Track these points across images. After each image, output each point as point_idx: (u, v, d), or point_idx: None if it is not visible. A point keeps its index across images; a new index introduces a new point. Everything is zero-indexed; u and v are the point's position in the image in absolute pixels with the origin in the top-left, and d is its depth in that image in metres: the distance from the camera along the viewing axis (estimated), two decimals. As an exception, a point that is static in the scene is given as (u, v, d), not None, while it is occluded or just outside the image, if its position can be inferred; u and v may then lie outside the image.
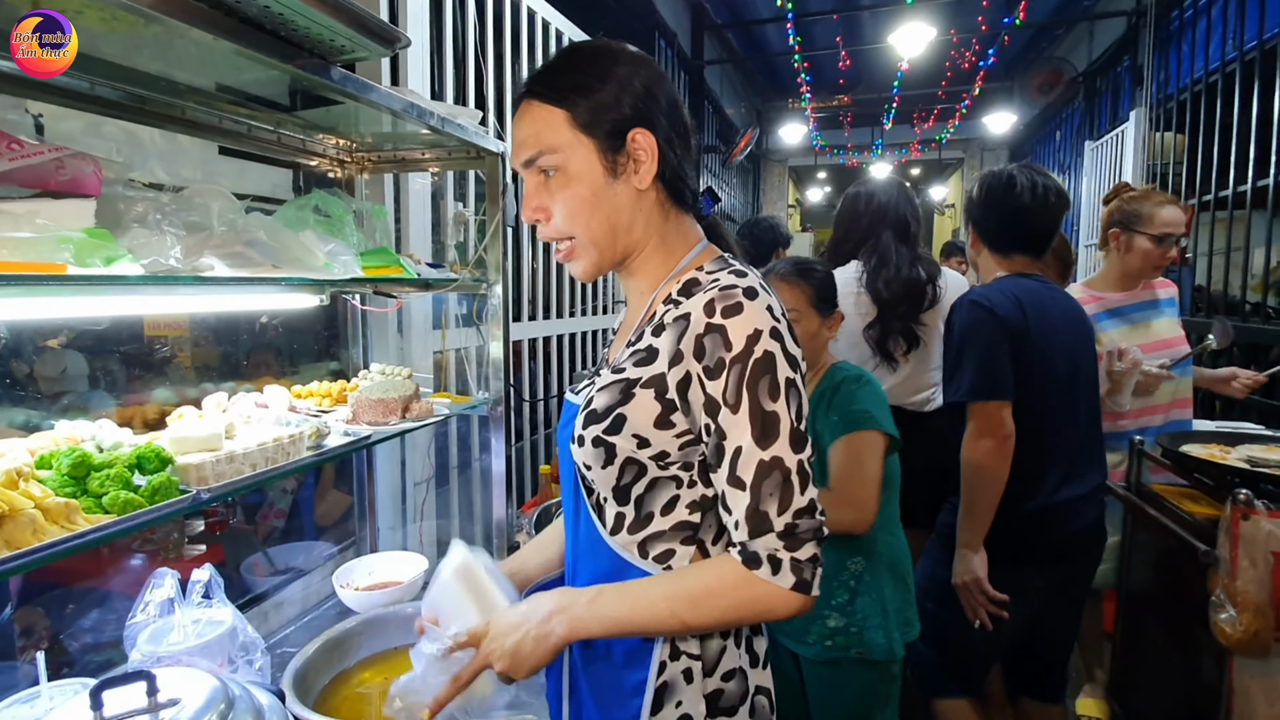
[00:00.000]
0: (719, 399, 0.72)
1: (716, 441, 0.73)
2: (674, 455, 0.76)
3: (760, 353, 0.71)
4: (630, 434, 0.75)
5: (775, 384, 0.71)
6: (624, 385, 0.76)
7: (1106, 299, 2.09)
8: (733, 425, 0.72)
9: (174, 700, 0.79)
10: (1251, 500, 1.41)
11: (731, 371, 0.71)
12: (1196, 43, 3.81)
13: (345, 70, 1.02)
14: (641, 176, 0.79)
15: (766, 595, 0.70)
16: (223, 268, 0.91)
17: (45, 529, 0.70)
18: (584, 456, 0.78)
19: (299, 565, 1.57)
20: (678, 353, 0.73)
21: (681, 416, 0.74)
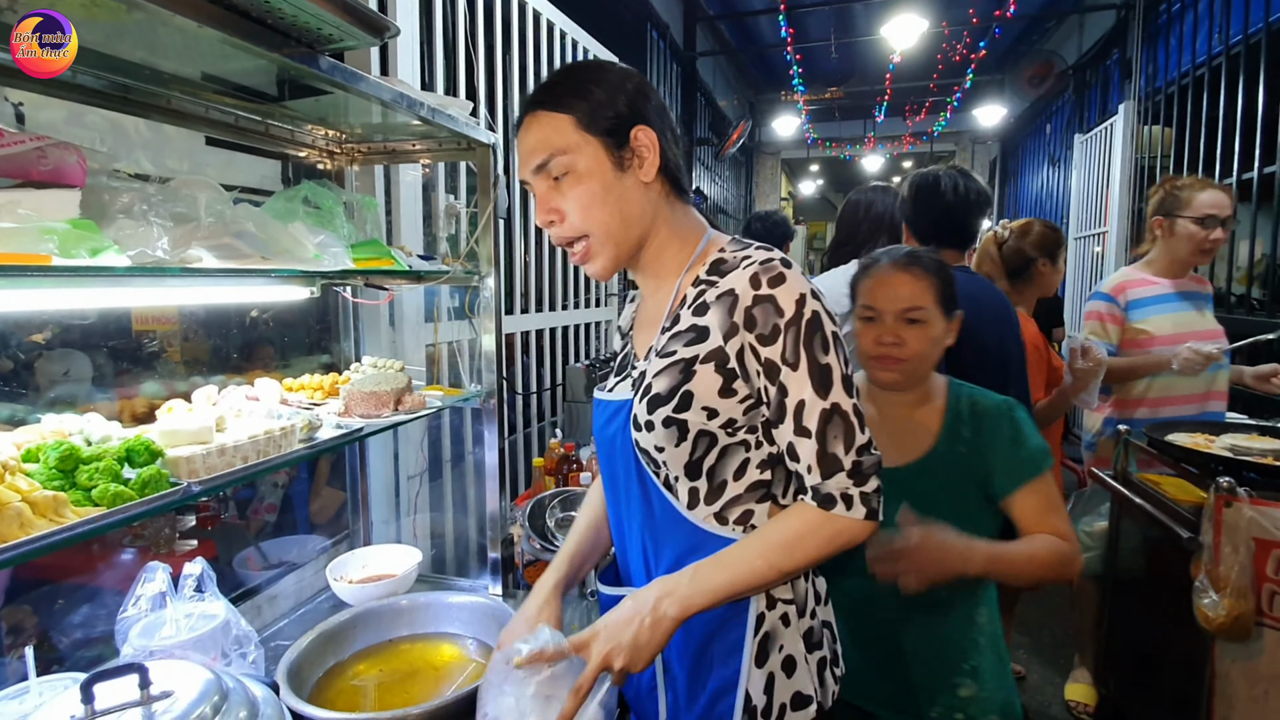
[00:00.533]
0: (778, 361, 0.78)
1: (779, 399, 0.79)
2: (740, 420, 0.82)
3: (809, 314, 0.78)
4: (700, 407, 0.80)
5: (825, 339, 0.79)
6: (683, 365, 0.81)
7: (1160, 284, 2.09)
8: (793, 381, 0.78)
9: (167, 692, 0.78)
10: (1234, 488, 1.43)
11: (787, 334, 0.78)
12: (1184, 36, 3.84)
13: (334, 60, 1.01)
14: (646, 170, 0.84)
15: (847, 528, 0.78)
16: (211, 259, 0.90)
17: (33, 522, 0.69)
18: (655, 439, 0.82)
19: (292, 559, 1.56)
20: (732, 325, 0.79)
21: (742, 383, 0.80)
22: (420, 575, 1.48)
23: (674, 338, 0.84)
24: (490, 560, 1.52)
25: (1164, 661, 1.74)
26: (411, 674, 1.24)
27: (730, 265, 0.83)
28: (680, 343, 0.83)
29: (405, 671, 1.24)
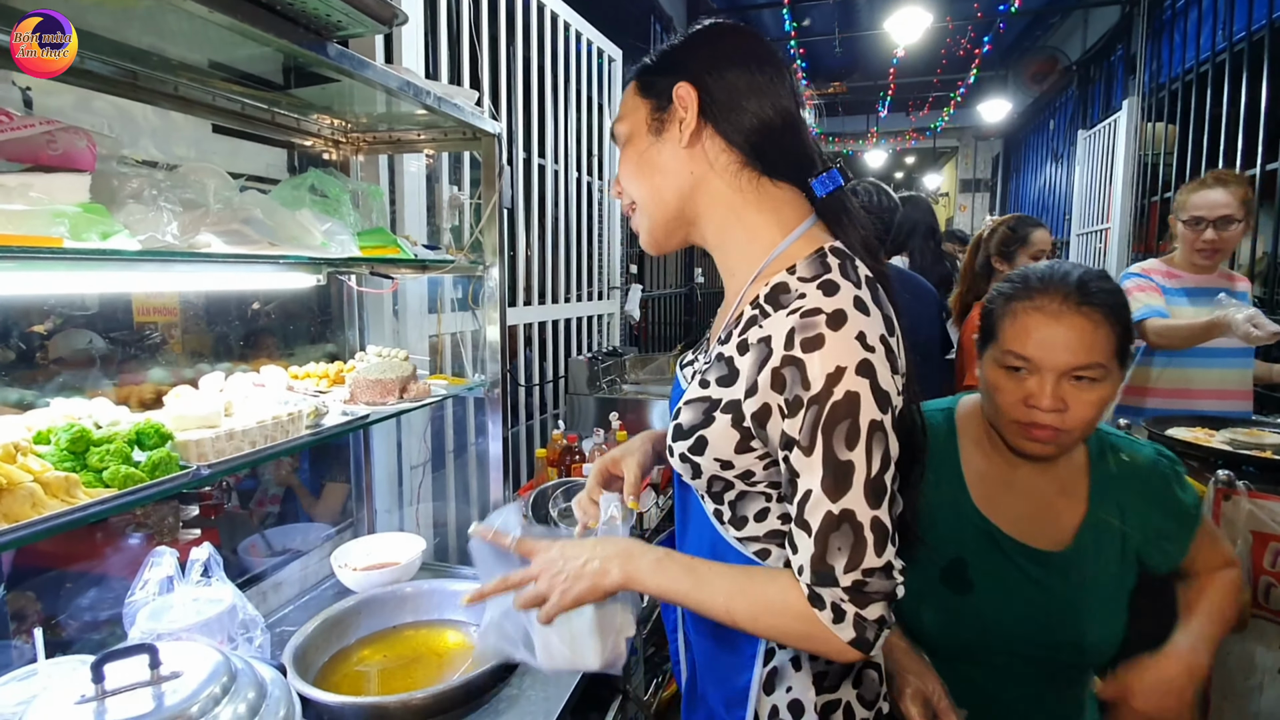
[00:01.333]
0: (794, 436, 0.66)
1: (789, 477, 0.68)
2: (759, 475, 0.73)
3: (841, 394, 0.64)
4: (712, 457, 0.73)
5: (856, 429, 0.64)
6: (707, 406, 0.73)
7: (1182, 278, 2.12)
8: (805, 468, 0.66)
9: (177, 673, 0.79)
10: (1233, 481, 1.44)
11: (809, 412, 0.65)
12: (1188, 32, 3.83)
13: (341, 47, 1.01)
14: (684, 134, 0.74)
15: (823, 637, 0.66)
16: (220, 245, 0.90)
17: (45, 502, 0.70)
18: (675, 465, 0.78)
19: (296, 546, 1.57)
20: (754, 384, 0.68)
21: (760, 444, 0.71)
22: (423, 564, 1.49)
23: (716, 362, 0.74)
24: (493, 549, 1.53)
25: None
26: (415, 660, 1.25)
27: (788, 300, 0.70)
28: (715, 374, 0.74)
29: (409, 657, 1.25)
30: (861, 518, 0.65)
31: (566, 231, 2.79)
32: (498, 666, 1.13)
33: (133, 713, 0.74)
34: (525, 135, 2.43)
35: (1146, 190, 4.34)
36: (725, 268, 0.80)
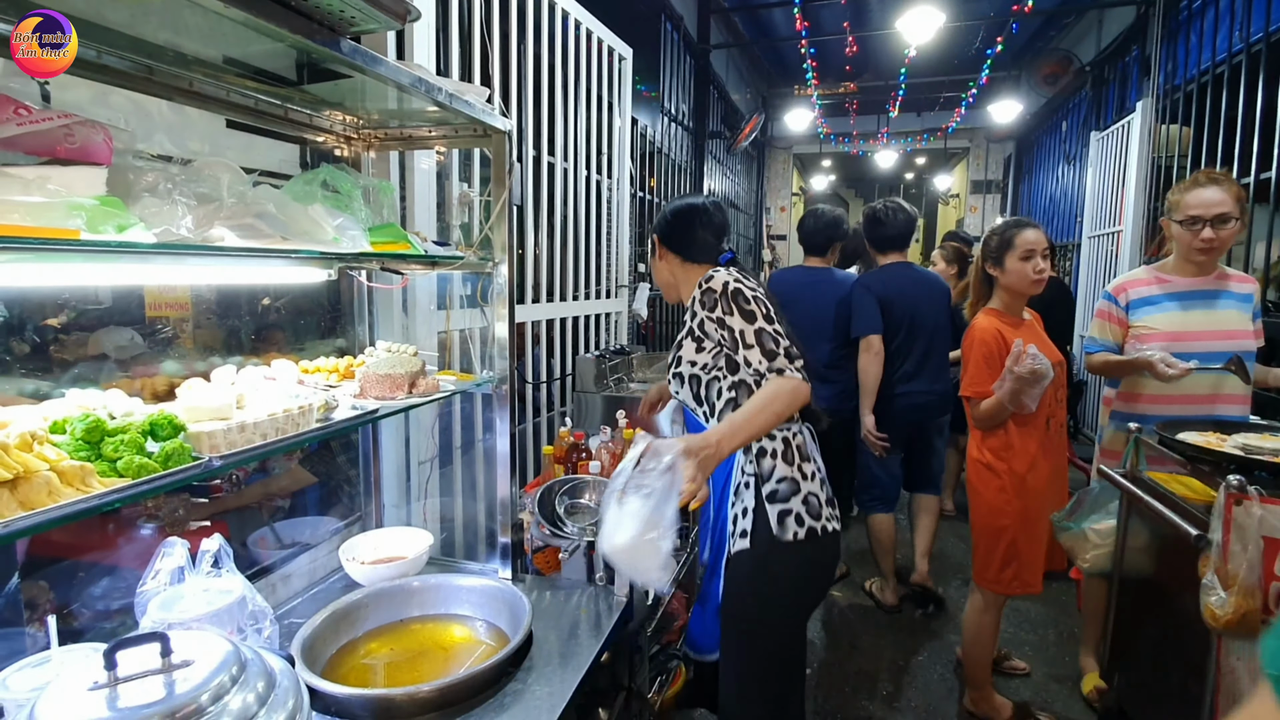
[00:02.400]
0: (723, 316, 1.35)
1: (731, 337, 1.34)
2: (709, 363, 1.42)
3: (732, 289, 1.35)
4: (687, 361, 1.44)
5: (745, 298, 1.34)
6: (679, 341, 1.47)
7: (1172, 282, 2.09)
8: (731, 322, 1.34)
9: (187, 661, 0.80)
10: (1244, 486, 1.43)
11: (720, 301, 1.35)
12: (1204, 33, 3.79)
13: (354, 43, 1.02)
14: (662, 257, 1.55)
15: (796, 384, 1.28)
16: (233, 239, 0.91)
17: (60, 491, 0.71)
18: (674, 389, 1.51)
19: (305, 540, 1.58)
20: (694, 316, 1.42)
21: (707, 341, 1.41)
22: (430, 558, 1.50)
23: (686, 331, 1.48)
24: (500, 545, 1.54)
25: (1170, 658, 1.74)
26: (422, 653, 1.26)
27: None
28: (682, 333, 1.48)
29: (416, 651, 1.26)
30: (768, 329, 1.33)
31: (575, 230, 2.79)
32: (504, 660, 1.14)
33: (144, 700, 0.74)
34: (535, 133, 2.44)
35: (1160, 193, 4.30)
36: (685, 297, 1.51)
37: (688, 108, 5.71)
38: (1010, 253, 2.02)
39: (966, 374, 2.03)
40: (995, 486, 2.01)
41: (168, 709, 0.74)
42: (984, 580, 2.06)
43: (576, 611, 1.38)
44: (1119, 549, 2.00)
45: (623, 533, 1.06)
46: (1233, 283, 2.09)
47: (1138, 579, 1.94)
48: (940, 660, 2.58)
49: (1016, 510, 1.99)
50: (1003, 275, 2.04)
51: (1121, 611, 2.01)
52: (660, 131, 5.04)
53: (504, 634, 1.28)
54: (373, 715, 1.04)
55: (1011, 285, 2.04)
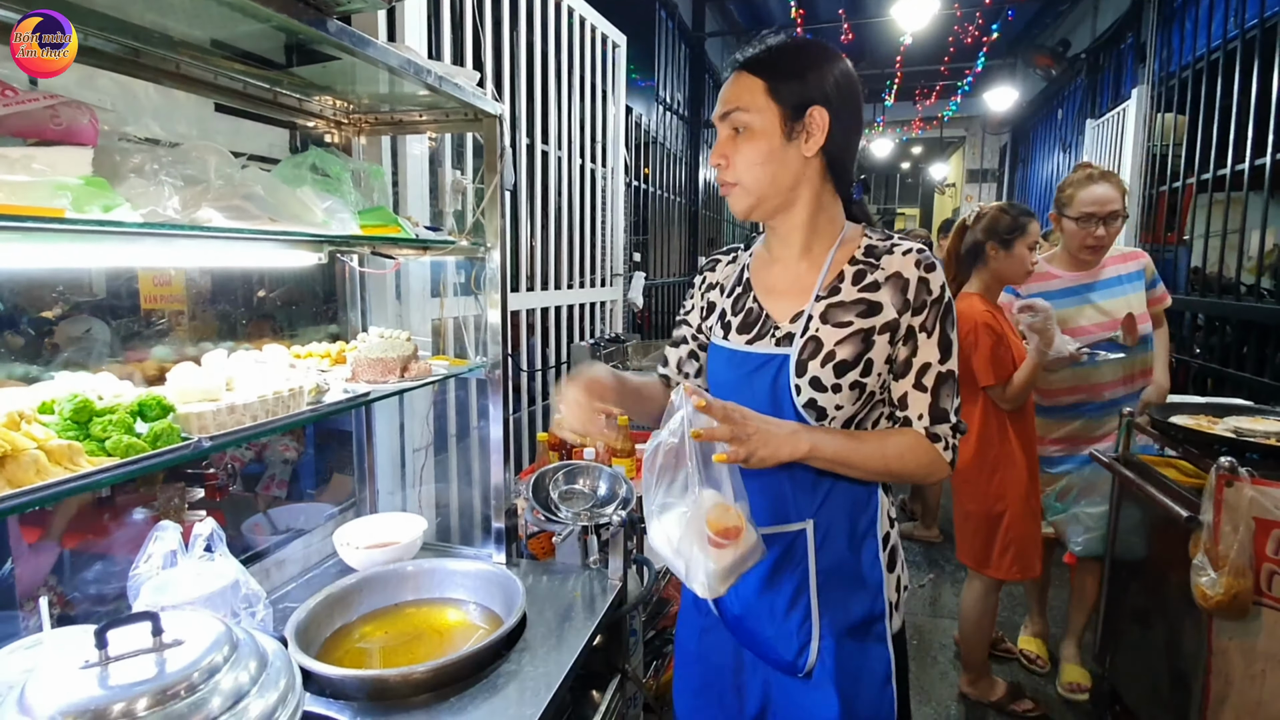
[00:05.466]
0: (917, 328, 0.97)
1: (907, 357, 0.98)
2: (889, 382, 1.00)
3: (948, 298, 0.98)
4: (876, 373, 0.97)
5: (954, 321, 0.99)
6: (863, 335, 0.96)
7: (1060, 277, 2.13)
8: (925, 346, 0.97)
9: (179, 641, 0.80)
10: (1235, 468, 1.44)
11: (931, 309, 0.97)
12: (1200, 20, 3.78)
13: (342, 23, 1.01)
14: (810, 145, 0.96)
15: (939, 463, 0.98)
16: (221, 220, 0.91)
17: (48, 469, 0.70)
18: (838, 400, 0.96)
19: (299, 526, 1.59)
20: (905, 302, 0.97)
21: (895, 350, 0.98)
22: (425, 544, 1.50)
23: (840, 308, 0.98)
24: (495, 529, 1.54)
25: (1162, 641, 1.76)
26: (416, 636, 1.26)
27: (883, 250, 1.00)
28: (852, 313, 0.97)
29: (410, 634, 1.27)
30: (956, 376, 0.99)
31: (569, 218, 2.78)
32: (497, 642, 1.14)
33: (135, 678, 0.75)
34: (528, 120, 2.42)
35: (1155, 180, 4.30)
36: (800, 242, 1.03)
37: (683, 96, 5.68)
38: (1022, 239, 1.97)
39: (980, 362, 1.94)
40: (1011, 473, 1.99)
41: (159, 687, 0.74)
42: (985, 566, 2.06)
43: (570, 595, 1.38)
44: (1111, 532, 2.01)
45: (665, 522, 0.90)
46: (1112, 267, 2.11)
47: (1130, 561, 1.95)
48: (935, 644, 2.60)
49: (1020, 494, 1.99)
50: (1005, 259, 1.98)
51: (1114, 593, 2.03)
52: (655, 120, 5.01)
53: (498, 617, 1.29)
54: (367, 696, 1.04)
55: (1005, 271, 2.00)
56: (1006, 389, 1.94)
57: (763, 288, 1.06)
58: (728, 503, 0.86)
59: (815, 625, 1.00)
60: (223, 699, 0.76)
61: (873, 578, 1.02)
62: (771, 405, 0.98)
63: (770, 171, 0.96)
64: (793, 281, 1.03)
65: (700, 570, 0.85)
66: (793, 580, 1.01)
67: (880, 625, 1.02)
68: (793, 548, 1.01)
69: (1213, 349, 3.46)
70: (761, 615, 1.03)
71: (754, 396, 0.99)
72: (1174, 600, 1.61)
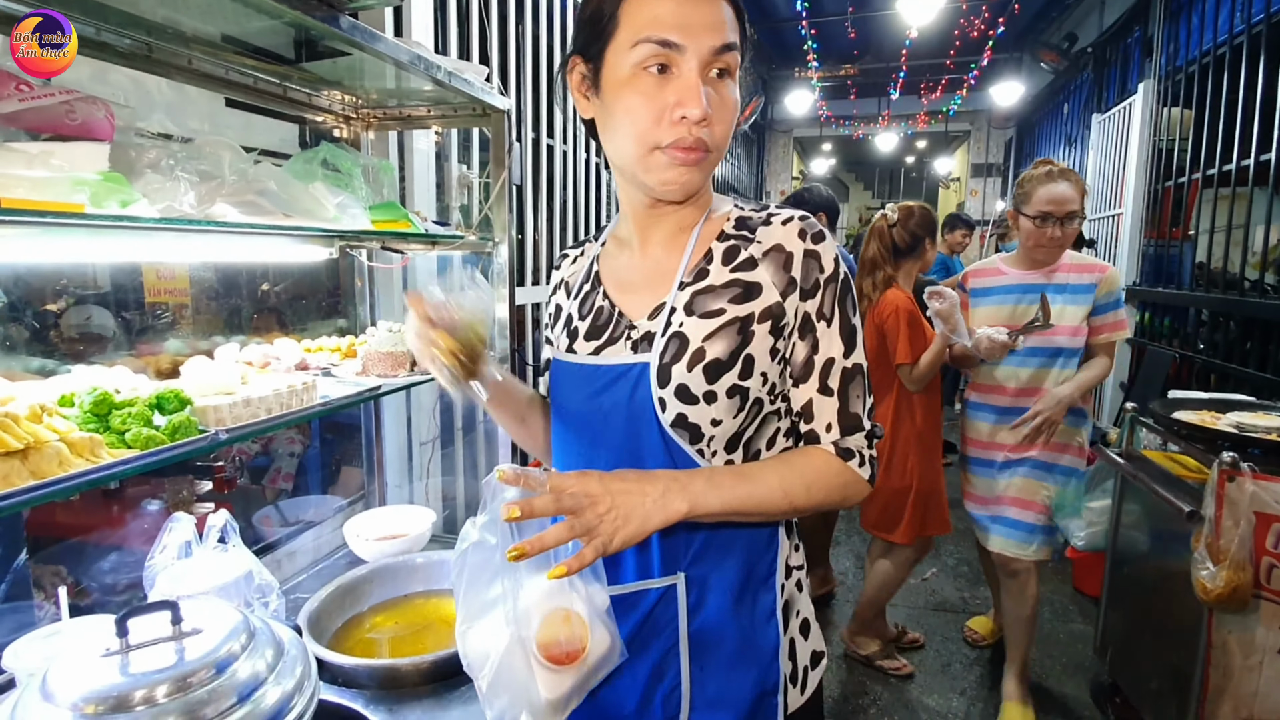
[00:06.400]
0: (814, 316, 0.76)
1: (807, 355, 0.77)
2: (778, 386, 0.78)
3: (844, 273, 0.77)
4: (759, 372, 0.75)
5: (854, 300, 0.78)
6: (739, 325, 0.74)
7: (1008, 274, 2.03)
8: (825, 338, 0.77)
9: (198, 629, 0.82)
10: (1237, 463, 1.45)
11: (826, 290, 0.76)
12: (1206, 14, 3.76)
13: (352, 19, 1.02)
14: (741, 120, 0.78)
15: (854, 483, 0.77)
16: (236, 215, 0.92)
17: (71, 461, 0.72)
18: (714, 412, 0.74)
19: (309, 518, 1.61)
20: (790, 280, 0.75)
21: (784, 342, 0.77)
22: (433, 535, 1.52)
23: (708, 294, 0.76)
24: (501, 522, 1.55)
25: (1161, 633, 1.77)
26: (425, 627, 1.28)
27: (759, 221, 0.79)
28: (724, 299, 0.76)
29: (419, 624, 1.28)
30: (865, 368, 0.79)
31: (575, 213, 2.79)
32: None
33: (155, 666, 0.76)
34: (535, 115, 2.43)
35: (1161, 175, 4.29)
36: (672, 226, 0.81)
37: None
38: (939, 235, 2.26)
39: (902, 342, 2.06)
40: (921, 453, 2.16)
41: (178, 675, 0.75)
42: (906, 536, 2.18)
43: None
44: (1113, 526, 2.02)
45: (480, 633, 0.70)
46: (1066, 274, 1.95)
47: (1130, 555, 1.97)
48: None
49: (928, 468, 2.16)
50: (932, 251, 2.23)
51: (1114, 587, 2.04)
52: (659, 115, 5.00)
53: (506, 608, 1.30)
54: (378, 684, 1.06)
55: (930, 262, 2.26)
56: (914, 369, 2.07)
57: (613, 281, 0.84)
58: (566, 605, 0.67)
59: (685, 698, 0.78)
60: (241, 687, 0.78)
61: (765, 642, 0.79)
62: (629, 431, 0.76)
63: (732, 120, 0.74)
64: (651, 269, 0.81)
65: (524, 706, 0.67)
66: (659, 645, 0.78)
67: (771, 701, 0.79)
68: (659, 607, 0.78)
69: (1216, 345, 3.45)
70: (621, 685, 0.78)
71: (607, 422, 0.78)
72: (1174, 595, 1.62)
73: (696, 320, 0.76)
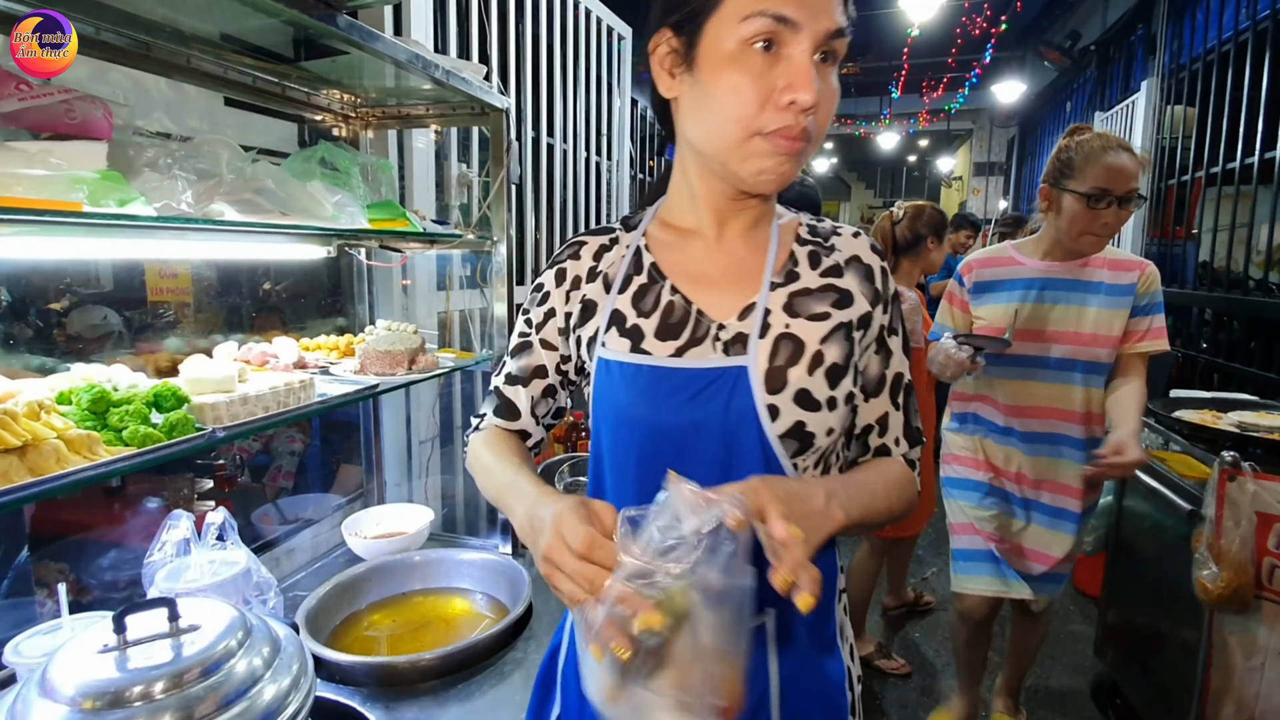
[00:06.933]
0: (886, 329, 0.76)
1: (880, 369, 0.76)
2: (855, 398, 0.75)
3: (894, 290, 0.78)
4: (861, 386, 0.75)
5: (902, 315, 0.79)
6: (845, 331, 0.72)
7: (1026, 265, 1.63)
8: (895, 351, 0.77)
9: (195, 626, 0.82)
10: (1238, 462, 1.44)
11: (893, 305, 0.77)
12: (1211, 11, 3.74)
13: (351, 18, 1.02)
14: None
15: (914, 496, 0.76)
16: (233, 214, 0.92)
17: (68, 459, 0.72)
18: (832, 420, 0.70)
19: (308, 516, 1.61)
20: (876, 293, 0.75)
21: (861, 354, 0.75)
22: (432, 534, 1.52)
23: (806, 297, 0.73)
24: (500, 520, 1.56)
25: (1162, 634, 1.77)
26: (424, 625, 1.28)
27: (827, 230, 0.79)
28: (825, 304, 0.73)
29: (418, 622, 1.29)
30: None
31: (575, 212, 2.79)
32: (504, 631, 1.16)
33: (153, 662, 0.76)
34: (534, 113, 2.43)
35: (1164, 173, 4.27)
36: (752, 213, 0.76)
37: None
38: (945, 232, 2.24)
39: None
40: None
41: (176, 670, 0.76)
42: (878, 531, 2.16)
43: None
44: (1114, 526, 2.02)
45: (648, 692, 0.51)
46: (1100, 270, 1.58)
47: (1131, 555, 1.96)
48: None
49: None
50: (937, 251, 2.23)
51: (1115, 587, 2.04)
52: (661, 113, 4.99)
53: (504, 606, 1.31)
54: (376, 682, 1.06)
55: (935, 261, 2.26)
56: None
57: (682, 274, 0.76)
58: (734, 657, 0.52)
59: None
60: (237, 683, 0.78)
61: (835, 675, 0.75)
62: (724, 442, 0.68)
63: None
64: (731, 264, 0.75)
65: None
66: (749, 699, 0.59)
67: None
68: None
69: (1220, 344, 3.44)
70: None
71: (699, 433, 0.69)
72: (1175, 595, 1.62)
73: (805, 323, 0.71)
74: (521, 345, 0.83)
